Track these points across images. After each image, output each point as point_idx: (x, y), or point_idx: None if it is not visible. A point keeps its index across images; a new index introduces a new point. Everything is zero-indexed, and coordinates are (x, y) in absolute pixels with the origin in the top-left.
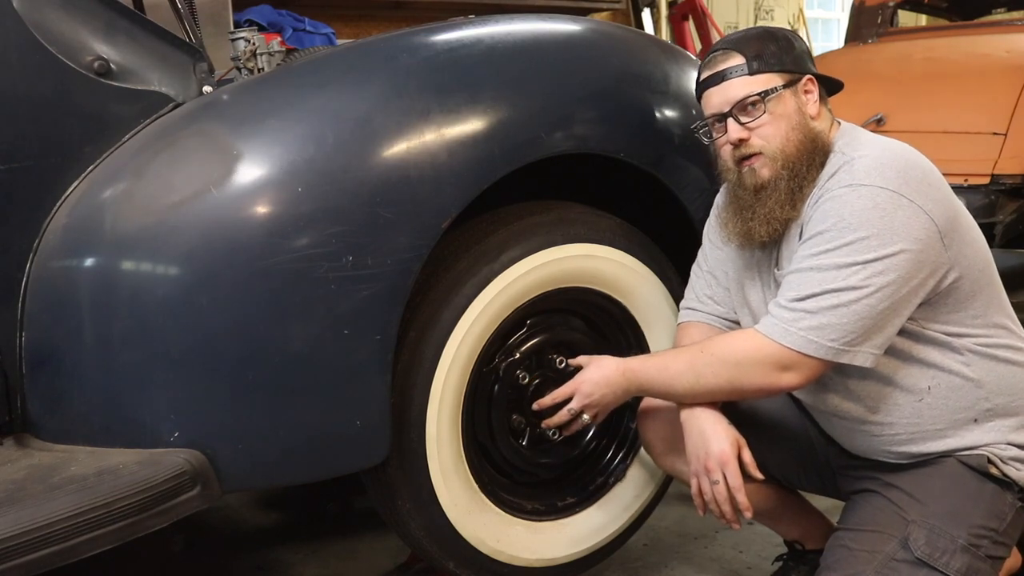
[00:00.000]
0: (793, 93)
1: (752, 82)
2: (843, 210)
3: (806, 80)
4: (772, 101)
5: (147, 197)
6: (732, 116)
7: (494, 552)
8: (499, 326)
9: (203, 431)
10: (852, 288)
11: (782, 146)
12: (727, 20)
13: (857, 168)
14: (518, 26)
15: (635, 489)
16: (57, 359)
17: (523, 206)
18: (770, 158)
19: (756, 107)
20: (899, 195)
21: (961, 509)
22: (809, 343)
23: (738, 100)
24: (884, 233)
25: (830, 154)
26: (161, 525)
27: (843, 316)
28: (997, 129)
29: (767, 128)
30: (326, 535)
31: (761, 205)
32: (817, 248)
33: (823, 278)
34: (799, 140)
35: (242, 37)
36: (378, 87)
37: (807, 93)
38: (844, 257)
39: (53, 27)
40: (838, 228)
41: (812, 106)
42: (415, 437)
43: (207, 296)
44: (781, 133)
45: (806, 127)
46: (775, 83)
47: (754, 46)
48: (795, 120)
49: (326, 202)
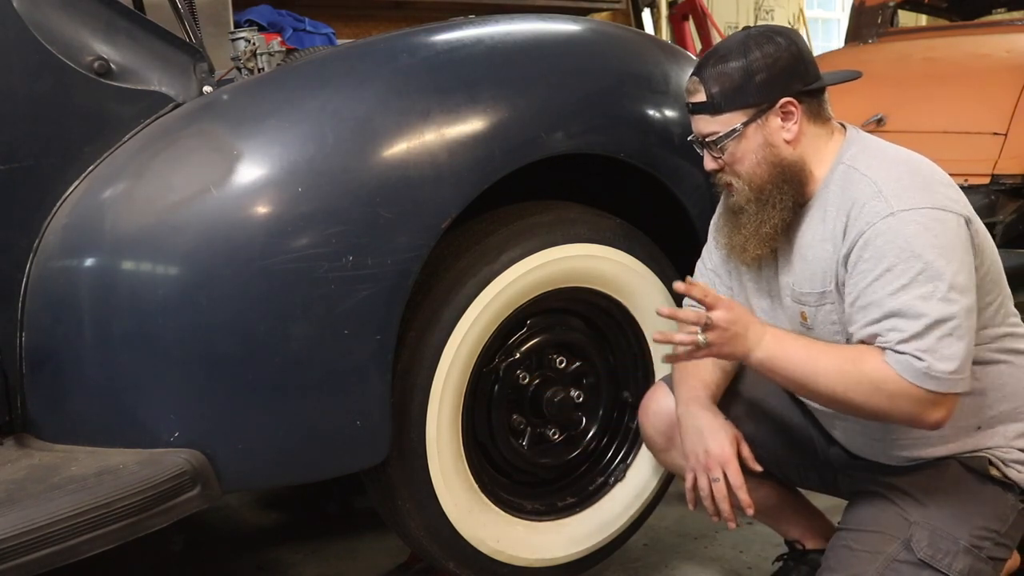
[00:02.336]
0: (759, 127)
1: (713, 122)
2: (898, 240)
3: (784, 103)
4: (734, 141)
5: (147, 197)
6: (705, 146)
7: (494, 552)
8: (499, 326)
9: (203, 431)
10: (950, 317)
11: (749, 179)
12: (727, 20)
13: (887, 195)
14: (518, 26)
15: (635, 489)
16: (57, 359)
17: (523, 206)
18: (739, 188)
19: (719, 146)
20: (936, 209)
21: (963, 511)
22: (948, 381)
23: (703, 136)
24: (945, 249)
25: (831, 166)
26: (161, 525)
27: (952, 344)
28: (997, 129)
29: (733, 162)
30: (326, 535)
31: (743, 227)
32: (894, 284)
33: (919, 312)
34: (766, 172)
35: (242, 37)
36: (378, 87)
37: (785, 117)
38: (924, 286)
39: (53, 27)
40: (904, 259)
41: (788, 131)
42: (415, 437)
43: (207, 296)
44: (746, 168)
45: (775, 157)
46: (736, 122)
47: (718, 80)
48: (761, 154)
49: (326, 202)
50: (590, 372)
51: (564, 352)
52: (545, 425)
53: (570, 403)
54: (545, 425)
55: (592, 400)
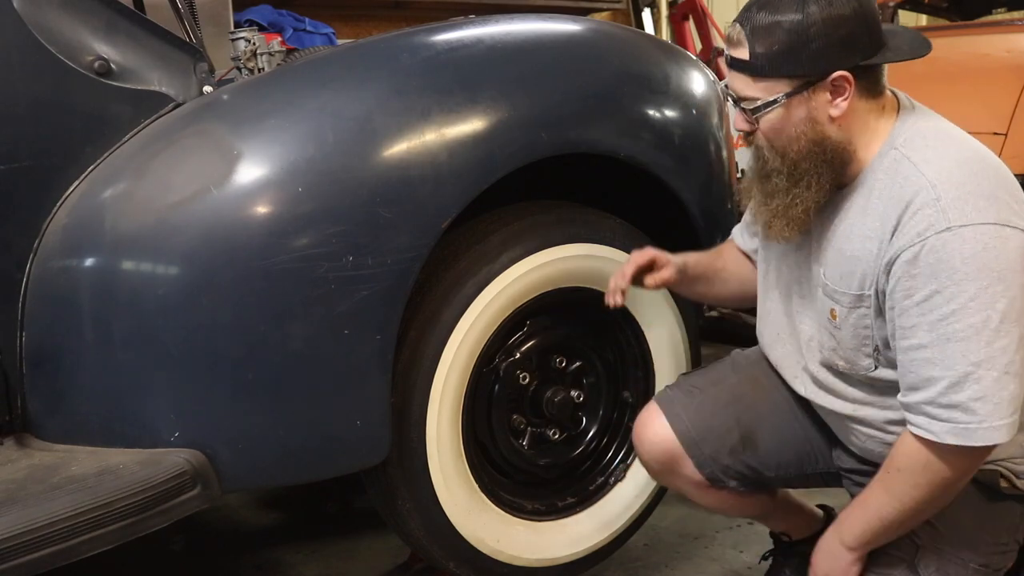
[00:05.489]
0: (804, 100)
1: (752, 86)
2: (952, 260)
3: (837, 78)
4: (773, 111)
5: (147, 197)
6: (737, 104)
7: (494, 552)
8: (499, 326)
9: (203, 431)
10: (1001, 352)
11: (783, 152)
12: (727, 20)
13: (945, 204)
14: (518, 26)
15: (635, 489)
16: (57, 359)
17: (523, 206)
18: (770, 157)
19: (755, 112)
20: (999, 225)
21: (972, 530)
22: (995, 432)
23: (738, 96)
24: (1004, 272)
25: (880, 148)
26: (161, 525)
27: (1007, 385)
28: (997, 129)
29: (768, 131)
30: (326, 535)
31: (771, 198)
32: (942, 310)
33: (964, 349)
34: (805, 148)
35: (242, 37)
36: (378, 87)
37: (835, 92)
38: (975, 315)
39: (53, 27)
40: (955, 282)
41: (836, 108)
42: (415, 437)
43: (207, 296)
44: (781, 141)
45: (816, 135)
46: (779, 91)
47: (766, 38)
48: (801, 128)
49: (326, 202)
50: (590, 372)
51: (564, 352)
52: (545, 425)
53: (570, 403)
54: (545, 425)
55: (592, 400)
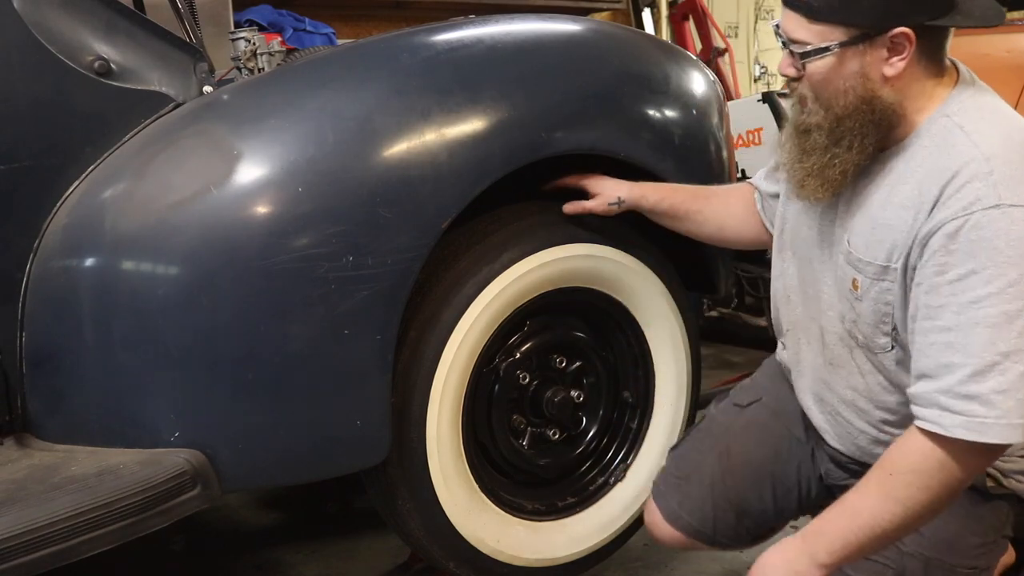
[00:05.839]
0: (859, 53)
1: (805, 29)
2: (997, 241)
3: (897, 34)
4: (823, 59)
5: (147, 197)
6: (787, 47)
7: (494, 552)
8: (499, 326)
9: (203, 431)
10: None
11: (828, 105)
12: (727, 20)
13: (998, 179)
14: (518, 26)
15: (635, 489)
16: (57, 359)
17: (523, 206)
18: (813, 109)
19: (805, 57)
20: None
21: (958, 535)
22: (1012, 430)
23: (789, 37)
24: None
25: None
26: (161, 525)
27: None
28: None
29: (816, 79)
30: (326, 535)
31: (808, 155)
32: (976, 292)
33: (994, 336)
34: (852, 104)
35: (242, 37)
36: (378, 87)
37: (893, 49)
38: (1011, 302)
39: (53, 27)
40: (996, 264)
41: (892, 67)
42: (415, 437)
43: (207, 296)
44: (828, 93)
45: (867, 92)
46: (833, 39)
47: None
48: (851, 83)
49: (326, 202)
50: (590, 372)
51: (564, 352)
52: (545, 425)
53: (570, 403)
54: (545, 425)
55: (592, 400)
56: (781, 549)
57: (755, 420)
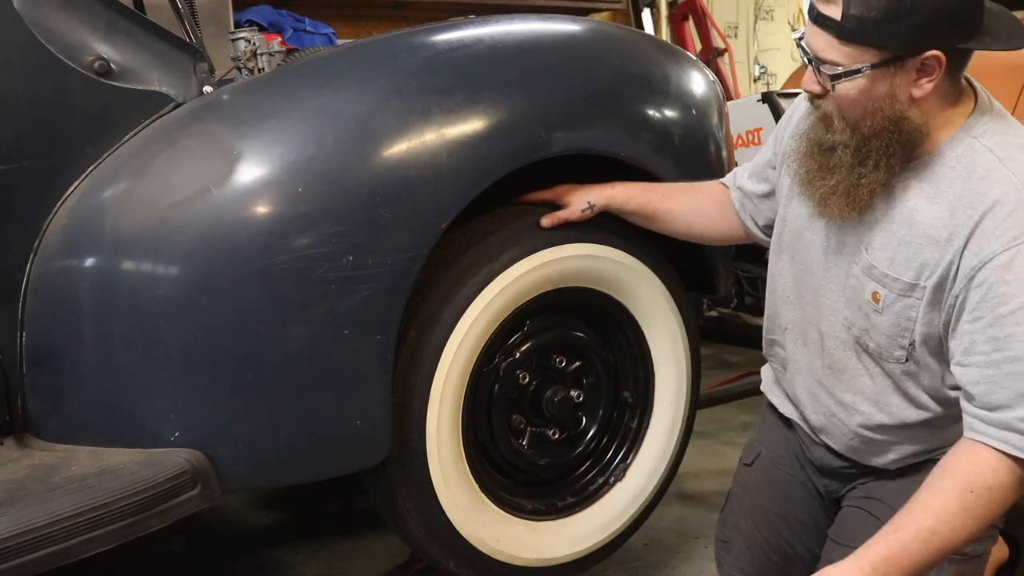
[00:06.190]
0: (888, 75)
1: (835, 50)
2: None
3: (928, 57)
4: (855, 80)
5: (147, 197)
6: (813, 64)
7: (494, 552)
8: (499, 326)
9: (203, 431)
10: None
11: (855, 125)
12: (727, 20)
13: None
14: (518, 26)
15: (635, 489)
16: (57, 359)
17: (523, 206)
18: (839, 128)
19: (835, 79)
20: None
21: None
22: None
23: (817, 56)
24: None
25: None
26: (161, 525)
27: None
28: None
29: (844, 100)
30: (326, 535)
31: (832, 172)
32: (1009, 329)
33: None
34: (879, 125)
35: (242, 37)
36: (378, 87)
37: (922, 71)
38: None
39: (53, 27)
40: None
41: (920, 88)
42: (415, 437)
43: (207, 296)
44: (856, 114)
45: (895, 113)
46: (864, 61)
47: (864, 3)
48: (879, 104)
49: (326, 202)
50: (590, 372)
51: (564, 352)
52: (545, 425)
53: (570, 403)
54: (545, 425)
55: (592, 400)
56: None
57: (762, 473)
